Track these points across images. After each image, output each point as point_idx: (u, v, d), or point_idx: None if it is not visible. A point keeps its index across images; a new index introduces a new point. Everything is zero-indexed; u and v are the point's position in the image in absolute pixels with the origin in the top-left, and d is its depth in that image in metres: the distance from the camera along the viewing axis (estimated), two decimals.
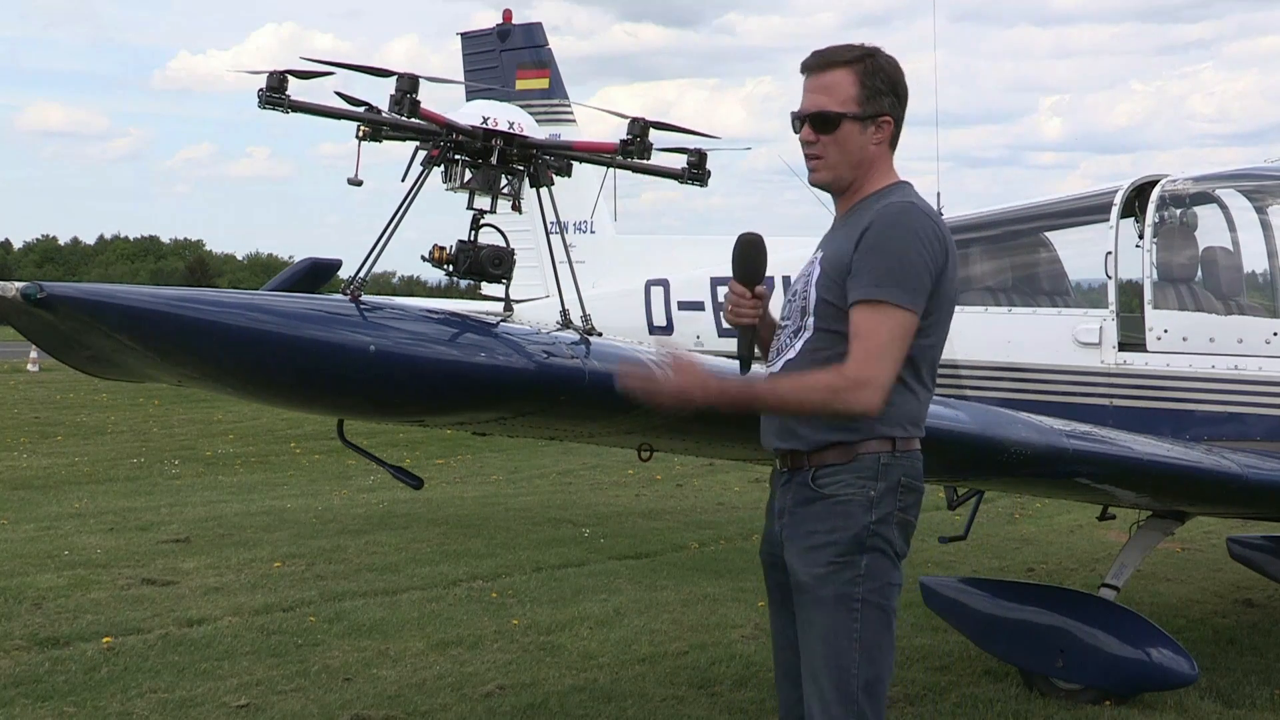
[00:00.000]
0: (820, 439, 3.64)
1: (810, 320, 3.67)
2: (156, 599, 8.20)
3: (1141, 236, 7.36)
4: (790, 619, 3.79)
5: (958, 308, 3.74)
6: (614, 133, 4.99)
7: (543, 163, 4.74)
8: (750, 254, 3.77)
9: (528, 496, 13.13)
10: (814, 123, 3.68)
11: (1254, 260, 7.36)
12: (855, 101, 3.65)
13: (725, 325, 3.85)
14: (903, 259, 3.53)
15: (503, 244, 4.53)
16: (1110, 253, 7.32)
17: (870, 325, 3.51)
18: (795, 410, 3.62)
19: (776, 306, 3.89)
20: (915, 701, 6.45)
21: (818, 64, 3.71)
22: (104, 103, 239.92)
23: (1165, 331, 7.08)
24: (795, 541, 3.69)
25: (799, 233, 9.48)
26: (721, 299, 3.88)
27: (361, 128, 4.44)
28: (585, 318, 4.73)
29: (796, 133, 3.76)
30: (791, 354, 3.70)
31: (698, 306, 10.24)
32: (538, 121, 4.97)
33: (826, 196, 3.90)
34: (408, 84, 4.43)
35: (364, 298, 4.04)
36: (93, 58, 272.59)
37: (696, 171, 5.02)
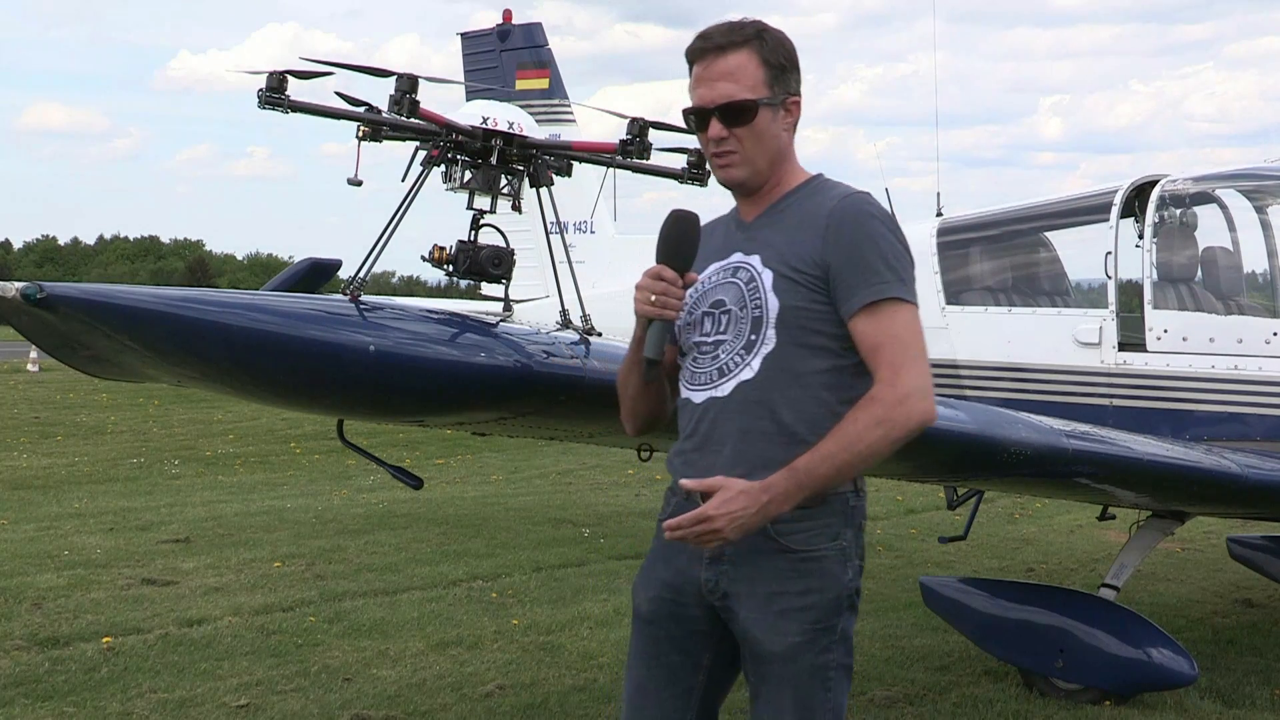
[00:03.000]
0: None
1: (771, 332, 3.13)
2: (156, 599, 8.20)
3: (1141, 236, 7.36)
4: (671, 677, 3.36)
5: (959, 308, 3.64)
6: (614, 133, 5.00)
7: (543, 163, 4.75)
8: (687, 234, 3.18)
9: (528, 496, 13.13)
10: (726, 115, 3.16)
11: (1254, 260, 7.36)
12: (765, 85, 3.17)
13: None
14: (896, 251, 3.13)
15: (503, 244, 4.54)
16: (1110, 253, 7.32)
17: (894, 328, 3.07)
18: (855, 466, 3.06)
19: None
20: (915, 701, 6.44)
21: (713, 48, 3.18)
22: (104, 103, 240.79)
23: (1165, 331, 7.07)
24: (753, 604, 3.16)
25: None
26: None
27: (361, 128, 4.45)
28: (585, 318, 4.73)
29: (697, 131, 3.26)
30: (748, 373, 3.14)
31: None
32: (538, 121, 4.98)
33: None
34: (407, 84, 4.44)
35: (364, 298, 4.05)
36: (93, 58, 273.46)
37: (696, 172, 5.03)
